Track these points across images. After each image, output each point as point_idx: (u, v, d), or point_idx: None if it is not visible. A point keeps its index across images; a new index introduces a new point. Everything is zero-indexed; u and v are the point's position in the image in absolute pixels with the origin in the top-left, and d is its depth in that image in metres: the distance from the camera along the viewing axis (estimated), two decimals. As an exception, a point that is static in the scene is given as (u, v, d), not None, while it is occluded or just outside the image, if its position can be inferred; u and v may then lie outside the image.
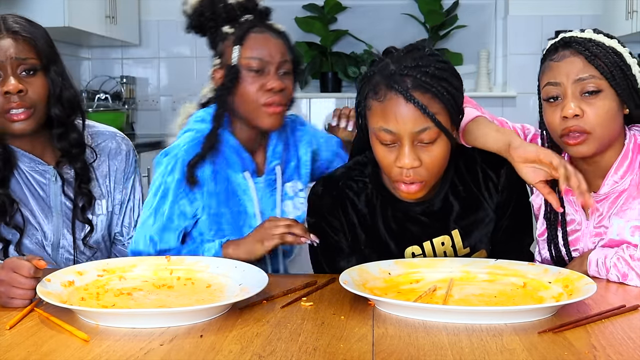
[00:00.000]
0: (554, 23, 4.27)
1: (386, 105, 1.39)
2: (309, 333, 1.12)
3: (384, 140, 1.41)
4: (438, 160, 1.42)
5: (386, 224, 1.56)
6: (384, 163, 1.44)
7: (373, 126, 1.43)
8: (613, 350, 1.04)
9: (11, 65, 1.49)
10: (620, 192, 1.49)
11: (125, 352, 1.04)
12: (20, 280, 1.25)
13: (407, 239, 1.55)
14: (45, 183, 1.61)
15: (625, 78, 1.44)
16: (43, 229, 1.60)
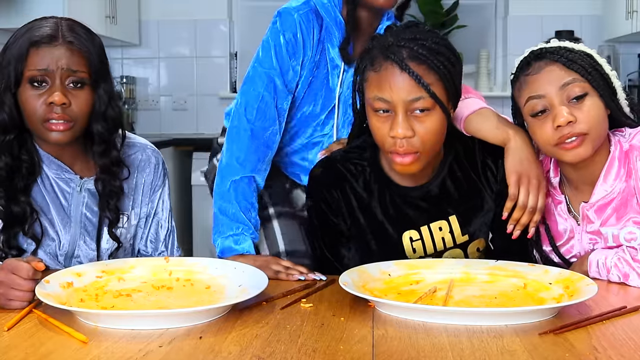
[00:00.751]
0: (554, 23, 4.28)
1: (382, 74, 1.41)
2: (308, 334, 1.12)
3: (379, 108, 1.42)
4: (432, 132, 1.42)
5: (384, 208, 1.55)
6: (379, 134, 1.44)
7: (369, 96, 1.44)
8: (614, 351, 1.04)
9: (60, 76, 1.45)
10: (609, 202, 1.48)
11: (124, 353, 1.04)
12: (19, 282, 1.24)
13: (405, 223, 1.55)
14: (69, 192, 1.57)
15: (602, 78, 1.44)
16: (60, 239, 1.56)
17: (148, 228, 1.68)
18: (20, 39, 1.47)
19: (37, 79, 1.44)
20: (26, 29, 1.49)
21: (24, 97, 1.46)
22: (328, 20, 1.70)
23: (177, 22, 4.49)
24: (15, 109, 1.47)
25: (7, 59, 1.46)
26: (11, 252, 1.50)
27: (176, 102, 4.53)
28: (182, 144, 3.93)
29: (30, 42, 1.45)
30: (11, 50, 1.46)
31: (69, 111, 1.46)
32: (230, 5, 4.56)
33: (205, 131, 4.45)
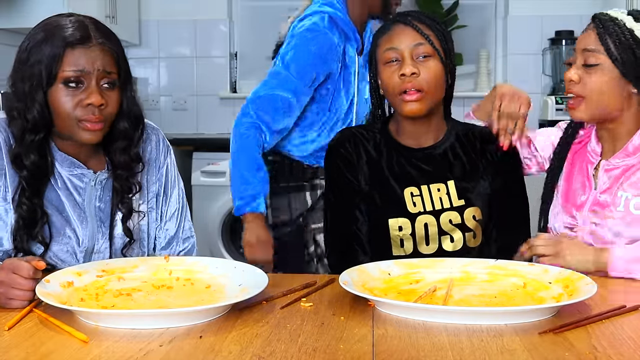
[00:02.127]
0: (554, 23, 4.27)
1: (391, 32, 1.71)
2: (308, 334, 1.12)
3: (389, 58, 1.68)
4: (433, 73, 1.66)
5: (390, 167, 1.74)
6: (390, 81, 1.68)
7: (380, 53, 1.71)
8: (614, 350, 1.04)
9: (96, 77, 1.46)
10: (630, 167, 1.55)
11: (125, 353, 1.04)
12: (20, 282, 1.25)
13: (408, 180, 1.72)
14: (83, 187, 1.56)
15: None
16: (77, 235, 1.56)
17: (160, 207, 1.68)
18: (51, 39, 1.45)
19: (72, 80, 1.44)
20: (52, 28, 1.48)
21: (56, 97, 1.45)
22: (343, 24, 2.15)
23: (177, 22, 4.49)
24: (46, 108, 1.46)
25: (36, 58, 1.45)
26: (19, 255, 1.49)
27: (176, 102, 4.53)
28: (182, 144, 3.93)
29: (66, 43, 1.44)
30: (41, 49, 1.45)
31: (104, 112, 1.47)
32: (230, 5, 4.56)
33: (205, 131, 4.45)
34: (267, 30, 4.59)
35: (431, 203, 1.70)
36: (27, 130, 1.46)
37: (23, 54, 1.48)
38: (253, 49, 4.60)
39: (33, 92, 1.44)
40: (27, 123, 1.46)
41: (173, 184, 1.72)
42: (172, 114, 4.51)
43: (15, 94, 1.48)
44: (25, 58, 1.47)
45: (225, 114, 4.47)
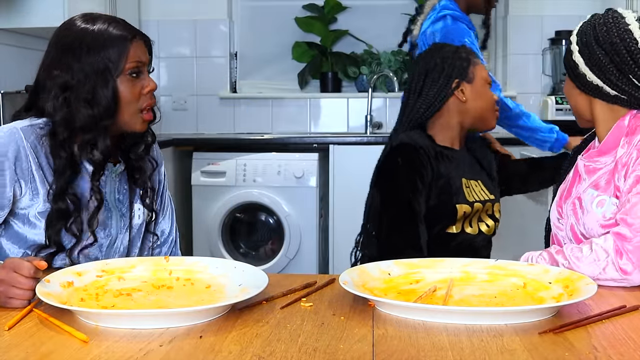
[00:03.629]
0: (554, 23, 4.27)
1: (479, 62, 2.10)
2: (308, 334, 1.12)
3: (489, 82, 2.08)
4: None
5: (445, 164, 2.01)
6: (493, 99, 2.08)
7: (484, 73, 2.08)
8: (614, 350, 1.04)
9: (145, 67, 1.60)
10: (600, 167, 1.60)
11: (125, 352, 1.04)
12: (20, 280, 1.25)
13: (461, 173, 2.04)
14: (104, 179, 1.63)
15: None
16: (103, 226, 1.63)
17: (159, 205, 1.79)
18: (110, 36, 1.54)
19: (136, 71, 1.56)
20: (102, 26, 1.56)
21: (123, 87, 1.55)
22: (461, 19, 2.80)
23: (177, 22, 4.49)
24: (116, 97, 1.55)
25: (102, 53, 1.53)
26: (51, 249, 1.55)
27: (176, 102, 4.53)
28: (182, 144, 3.93)
29: (127, 38, 1.55)
30: (105, 46, 1.53)
31: (154, 97, 1.62)
32: (230, 5, 4.56)
33: (205, 131, 4.45)
34: (267, 30, 4.60)
35: (478, 194, 2.04)
36: (102, 118, 1.54)
37: (81, 51, 1.54)
38: (253, 49, 4.60)
39: (106, 83, 1.53)
40: (100, 111, 1.53)
41: (166, 185, 1.83)
42: (172, 114, 4.50)
43: (76, 89, 1.53)
44: (87, 53, 1.54)
45: (225, 114, 4.48)
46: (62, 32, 1.60)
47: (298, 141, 3.92)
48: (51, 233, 1.54)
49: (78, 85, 1.53)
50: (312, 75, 4.52)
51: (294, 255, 3.81)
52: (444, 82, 2.03)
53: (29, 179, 1.53)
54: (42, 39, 3.69)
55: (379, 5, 4.52)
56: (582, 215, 1.60)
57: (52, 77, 1.55)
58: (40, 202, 1.54)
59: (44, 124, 1.56)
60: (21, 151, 1.51)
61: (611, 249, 1.42)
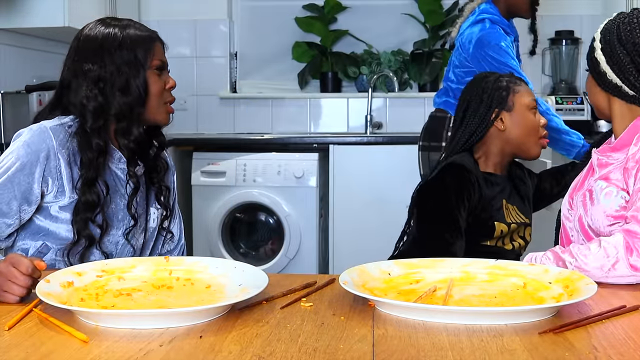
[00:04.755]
0: (554, 23, 4.27)
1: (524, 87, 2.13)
2: (308, 334, 1.12)
3: (534, 107, 2.10)
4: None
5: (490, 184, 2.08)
6: (536, 125, 2.09)
7: (526, 100, 2.09)
8: (614, 350, 1.04)
9: (166, 66, 1.74)
10: (612, 164, 1.62)
11: (125, 352, 1.04)
12: (17, 275, 1.27)
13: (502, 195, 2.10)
14: (124, 179, 1.71)
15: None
16: (122, 225, 1.69)
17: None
18: (138, 35, 1.68)
19: (160, 67, 1.70)
20: (128, 28, 1.69)
21: (151, 80, 1.68)
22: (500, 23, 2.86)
23: (177, 22, 4.49)
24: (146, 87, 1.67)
25: (132, 49, 1.65)
26: (82, 239, 1.62)
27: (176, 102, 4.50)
28: (182, 144, 3.93)
29: (151, 38, 1.71)
30: (135, 43, 1.66)
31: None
32: (230, 5, 4.56)
33: (205, 131, 4.45)
34: (267, 30, 4.60)
35: (514, 217, 2.10)
36: (135, 105, 1.65)
37: (113, 47, 1.65)
38: (253, 49, 4.60)
39: (137, 74, 1.65)
40: (133, 99, 1.65)
41: (176, 193, 1.92)
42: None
43: (110, 80, 1.64)
44: (118, 48, 1.65)
45: (225, 114, 4.48)
46: (87, 33, 1.68)
47: (298, 141, 3.92)
48: (79, 225, 1.61)
49: (112, 77, 1.63)
50: (312, 75, 4.52)
51: (294, 255, 3.81)
52: (483, 112, 2.09)
53: (57, 176, 1.60)
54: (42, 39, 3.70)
55: (379, 5, 4.52)
56: (591, 206, 1.62)
57: (82, 73, 1.64)
58: (66, 198, 1.61)
59: (72, 122, 1.64)
60: (50, 150, 1.58)
61: (621, 246, 1.42)
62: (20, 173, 1.56)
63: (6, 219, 1.58)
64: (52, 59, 3.81)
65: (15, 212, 1.58)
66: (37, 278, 1.30)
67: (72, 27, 3.49)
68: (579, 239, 1.67)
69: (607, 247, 1.44)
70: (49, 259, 1.63)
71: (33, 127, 1.61)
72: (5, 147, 3.10)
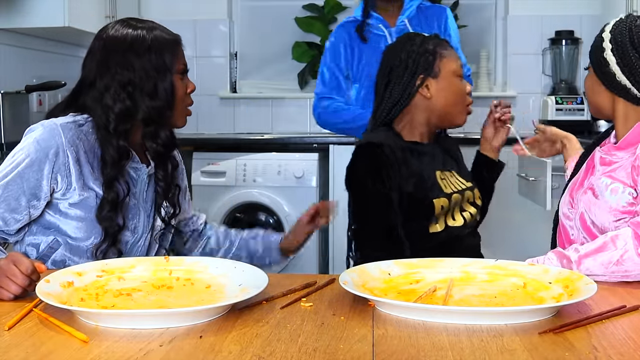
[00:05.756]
0: (554, 23, 4.27)
1: (452, 52, 1.99)
2: (308, 334, 1.12)
3: (461, 74, 1.98)
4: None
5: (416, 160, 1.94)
6: (462, 93, 1.98)
7: (453, 66, 1.96)
8: (614, 350, 1.04)
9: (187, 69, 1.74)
10: (617, 162, 1.63)
11: (125, 352, 1.04)
12: (15, 273, 1.29)
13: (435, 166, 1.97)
14: (136, 179, 1.71)
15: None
16: (134, 224, 1.70)
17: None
18: (165, 39, 1.68)
19: (184, 71, 1.71)
20: (155, 30, 1.68)
21: (176, 84, 1.69)
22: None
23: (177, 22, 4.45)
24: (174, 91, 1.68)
25: (160, 53, 1.66)
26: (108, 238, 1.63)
27: (176, 102, 4.53)
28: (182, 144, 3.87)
29: (176, 41, 1.70)
30: (162, 47, 1.66)
31: None
32: (230, 5, 4.56)
33: (205, 131, 4.45)
34: (267, 30, 4.60)
35: (454, 184, 1.98)
36: (164, 108, 1.67)
37: (142, 50, 1.65)
38: (253, 49, 4.59)
39: (165, 78, 1.66)
40: (162, 102, 1.66)
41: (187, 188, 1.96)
42: (172, 114, 4.50)
43: (139, 84, 1.64)
44: (147, 52, 1.65)
45: (225, 114, 4.47)
46: (113, 34, 1.67)
47: (298, 141, 3.92)
48: (106, 223, 1.63)
49: (140, 81, 1.64)
50: (312, 75, 4.51)
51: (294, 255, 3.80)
52: (407, 79, 1.95)
53: (65, 173, 1.60)
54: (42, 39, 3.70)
55: (379, 5, 4.51)
56: (595, 203, 1.62)
57: (110, 75, 1.64)
58: (75, 195, 1.62)
59: (84, 120, 1.64)
60: (60, 147, 1.59)
61: (630, 237, 1.44)
62: (29, 169, 1.57)
63: (15, 214, 1.59)
64: (52, 59, 3.81)
65: (24, 208, 1.58)
66: (36, 280, 1.31)
67: (72, 27, 3.49)
68: (579, 237, 1.67)
69: (615, 240, 1.45)
70: (60, 255, 1.63)
71: (44, 123, 1.61)
72: (5, 147, 3.11)
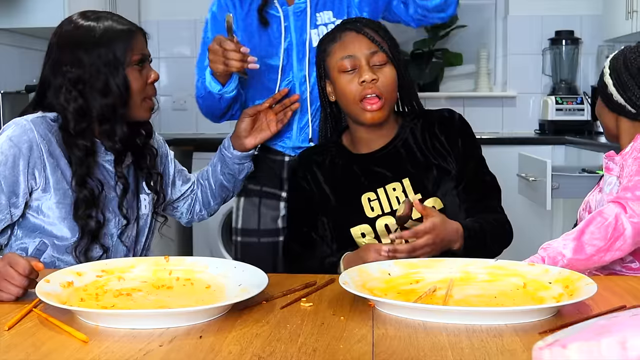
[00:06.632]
0: (554, 23, 4.27)
1: (344, 40, 1.74)
2: (308, 334, 1.12)
3: (346, 68, 1.71)
4: (390, 79, 1.73)
5: (345, 177, 1.80)
6: (348, 89, 1.72)
7: (334, 62, 1.74)
8: (614, 350, 1.04)
9: (148, 59, 1.68)
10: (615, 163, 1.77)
11: (125, 353, 1.04)
12: (13, 275, 1.28)
13: (363, 187, 1.77)
14: (112, 171, 1.69)
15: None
16: (114, 216, 1.68)
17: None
18: (116, 30, 1.62)
19: (141, 61, 1.65)
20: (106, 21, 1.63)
21: (131, 77, 1.63)
22: None
23: (177, 22, 4.49)
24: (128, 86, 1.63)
25: (109, 47, 1.60)
26: (86, 236, 1.62)
27: (176, 102, 4.52)
28: (182, 144, 3.93)
29: (130, 31, 1.64)
30: (112, 40, 1.61)
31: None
32: (230, 5, 4.55)
33: (205, 131, 4.44)
34: (267, 30, 4.60)
35: (389, 204, 1.74)
36: (117, 106, 1.62)
37: (90, 46, 1.60)
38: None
39: (116, 73, 1.61)
40: (114, 100, 1.61)
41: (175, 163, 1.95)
42: (172, 114, 4.50)
43: (89, 81, 1.60)
44: (96, 47, 1.60)
45: (225, 114, 4.47)
46: (65, 29, 1.65)
47: (298, 141, 3.92)
48: (81, 222, 1.61)
49: (90, 78, 1.60)
50: (312, 75, 4.51)
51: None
52: (322, 87, 1.82)
53: (42, 167, 1.59)
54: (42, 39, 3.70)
55: (379, 5, 4.51)
56: (601, 197, 1.76)
57: (62, 74, 1.61)
58: (52, 193, 1.60)
59: (55, 118, 1.63)
60: (33, 142, 1.58)
61: (613, 207, 1.58)
62: (4, 167, 1.56)
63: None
64: (52, 59, 3.81)
65: (4, 207, 1.57)
66: (34, 279, 1.30)
67: (72, 27, 3.50)
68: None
69: (602, 213, 1.57)
70: (48, 256, 1.63)
71: (16, 121, 1.60)
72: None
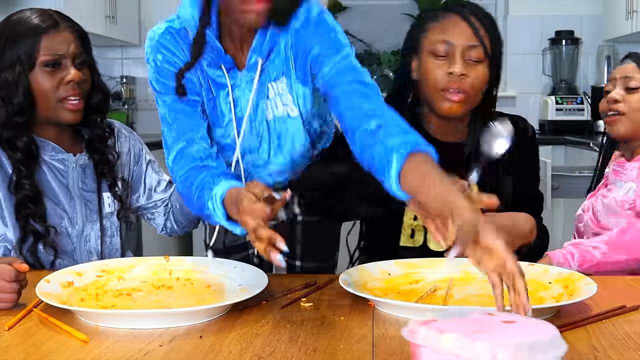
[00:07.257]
0: (554, 23, 4.28)
1: (445, 22, 1.58)
2: (308, 333, 1.12)
3: (439, 52, 1.56)
4: (480, 80, 1.59)
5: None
6: (434, 75, 1.57)
7: (430, 42, 1.58)
8: (614, 350, 1.04)
9: (71, 57, 1.57)
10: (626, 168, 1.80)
11: (125, 353, 1.04)
12: (3, 285, 1.24)
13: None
14: (65, 170, 1.64)
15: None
16: (69, 216, 1.63)
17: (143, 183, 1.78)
18: (24, 29, 1.54)
19: (50, 62, 1.54)
20: (21, 20, 1.57)
21: (38, 80, 1.55)
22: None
23: (177, 22, 4.48)
24: (30, 92, 1.55)
25: (14, 49, 1.53)
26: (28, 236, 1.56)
27: (176, 102, 4.52)
28: (182, 144, 3.93)
29: (39, 30, 1.54)
30: (17, 40, 1.54)
31: (82, 87, 1.59)
32: (230, 5, 4.55)
33: (205, 131, 4.45)
34: (267, 30, 4.60)
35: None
36: (15, 114, 1.54)
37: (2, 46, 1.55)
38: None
39: (16, 78, 1.53)
40: (13, 107, 1.54)
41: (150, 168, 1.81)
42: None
43: None
44: (2, 50, 1.54)
45: (225, 114, 4.47)
46: None
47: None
48: (22, 223, 1.57)
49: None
50: (312, 75, 4.52)
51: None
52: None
53: None
54: (42, 39, 3.70)
55: (379, 5, 4.52)
56: (607, 194, 1.80)
57: None
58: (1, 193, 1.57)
59: None
60: None
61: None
62: None
63: None
64: (52, 59, 3.81)
65: None
66: (23, 280, 1.27)
67: (72, 27, 3.50)
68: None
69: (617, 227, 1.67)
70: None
71: None
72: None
